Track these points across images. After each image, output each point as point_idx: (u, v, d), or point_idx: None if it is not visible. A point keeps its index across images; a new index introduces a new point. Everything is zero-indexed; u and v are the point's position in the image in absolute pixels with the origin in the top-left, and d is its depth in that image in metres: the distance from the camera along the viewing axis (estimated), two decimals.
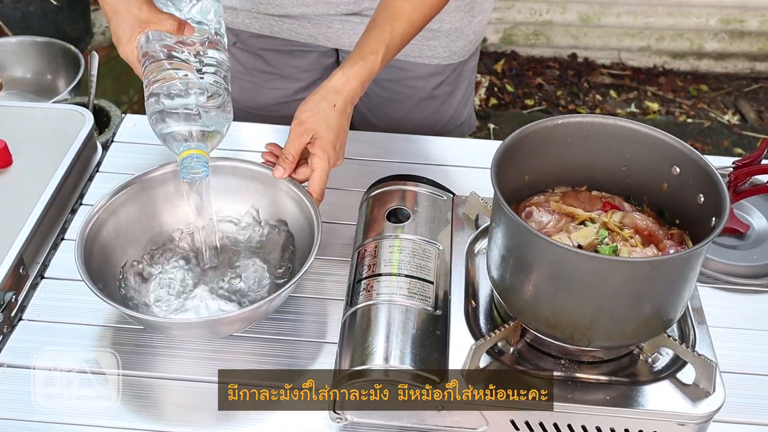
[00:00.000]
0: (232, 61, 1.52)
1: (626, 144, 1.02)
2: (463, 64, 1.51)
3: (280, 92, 1.54)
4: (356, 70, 1.11)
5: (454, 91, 1.53)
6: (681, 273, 0.88)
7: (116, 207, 1.08)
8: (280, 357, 1.04)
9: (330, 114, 1.08)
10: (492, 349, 0.97)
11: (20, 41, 1.92)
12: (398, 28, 1.14)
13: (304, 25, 1.43)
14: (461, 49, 1.47)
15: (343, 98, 1.09)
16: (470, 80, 1.58)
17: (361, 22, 1.41)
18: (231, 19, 1.48)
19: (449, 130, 1.56)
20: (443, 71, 1.49)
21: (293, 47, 1.48)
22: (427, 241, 1.08)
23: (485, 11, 1.48)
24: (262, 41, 1.48)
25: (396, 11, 1.15)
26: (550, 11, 3.26)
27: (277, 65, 1.51)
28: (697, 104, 3.18)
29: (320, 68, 1.52)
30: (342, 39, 1.44)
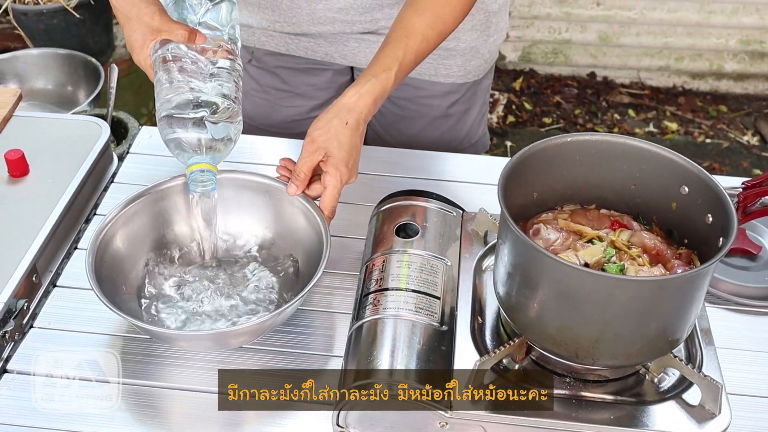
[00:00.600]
0: (248, 79, 1.54)
1: (635, 163, 1.02)
2: (478, 83, 1.52)
3: (295, 110, 1.55)
4: (368, 88, 1.11)
5: (468, 109, 1.54)
6: (687, 293, 0.88)
7: (127, 218, 1.09)
8: (288, 369, 1.04)
9: (341, 131, 1.08)
10: (497, 366, 0.97)
11: (42, 53, 1.96)
12: (412, 44, 1.14)
13: (320, 43, 1.45)
14: (476, 68, 1.48)
15: (355, 116, 1.10)
16: (485, 99, 1.59)
17: (377, 40, 1.41)
18: (247, 37, 1.49)
19: (464, 148, 1.57)
20: (458, 90, 1.49)
21: (309, 65, 1.50)
22: (435, 256, 1.08)
23: (500, 31, 1.49)
24: (277, 59, 1.50)
25: (410, 28, 1.15)
26: (570, 30, 3.26)
27: (293, 83, 1.52)
28: (717, 125, 3.16)
29: (335, 86, 1.54)
30: (358, 57, 1.46)
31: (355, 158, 1.10)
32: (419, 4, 1.16)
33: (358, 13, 1.37)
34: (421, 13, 1.15)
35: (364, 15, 1.37)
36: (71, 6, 2.23)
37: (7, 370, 1.04)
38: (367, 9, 1.36)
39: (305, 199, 1.10)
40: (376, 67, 1.13)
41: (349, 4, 1.35)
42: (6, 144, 1.29)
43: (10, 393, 1.01)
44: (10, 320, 1.06)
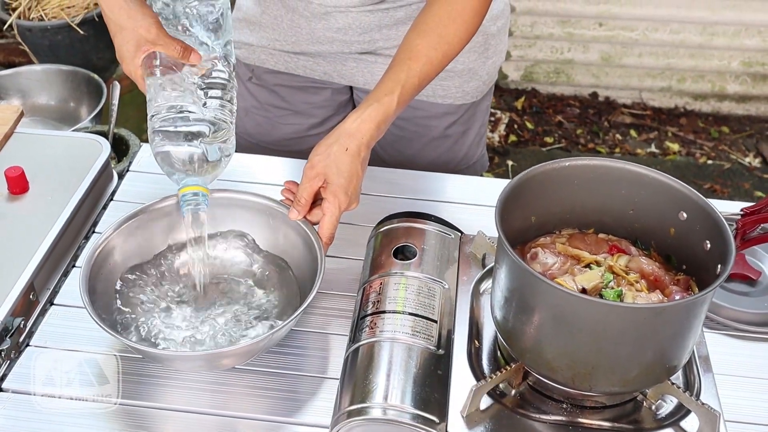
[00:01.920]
0: (248, 97, 1.55)
1: (634, 188, 1.02)
2: (477, 104, 1.52)
3: (294, 128, 1.55)
4: (370, 113, 1.10)
5: (467, 131, 1.54)
6: (684, 320, 0.87)
7: (122, 237, 1.09)
8: (281, 391, 1.04)
9: (341, 158, 1.08)
10: (494, 391, 0.96)
11: (45, 69, 1.96)
12: (415, 67, 1.13)
13: (319, 62, 1.45)
14: (474, 90, 1.48)
15: (356, 141, 1.09)
16: (483, 120, 1.59)
17: (375, 61, 1.42)
18: (247, 55, 1.50)
19: (462, 169, 1.57)
20: (456, 111, 1.49)
21: (308, 84, 1.50)
22: (432, 279, 1.08)
23: (499, 53, 1.49)
24: (277, 77, 1.50)
25: (413, 50, 1.15)
26: (572, 50, 3.27)
27: (292, 101, 1.53)
28: (718, 146, 3.16)
29: (334, 105, 1.54)
30: (356, 77, 1.46)
31: (355, 185, 1.09)
32: (422, 26, 1.16)
33: (357, 34, 1.37)
34: (424, 34, 1.15)
35: (362, 35, 1.38)
36: (75, 22, 2.24)
37: (3, 389, 1.03)
38: (365, 30, 1.37)
39: (304, 223, 1.10)
40: (378, 92, 1.12)
41: (347, 24, 1.36)
42: (6, 161, 1.29)
43: (5, 412, 1.01)
44: (6, 339, 1.05)
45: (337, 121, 1.55)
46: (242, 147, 1.62)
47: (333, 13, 1.35)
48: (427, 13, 1.16)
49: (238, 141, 1.62)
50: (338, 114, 1.56)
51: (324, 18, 1.37)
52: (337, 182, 1.07)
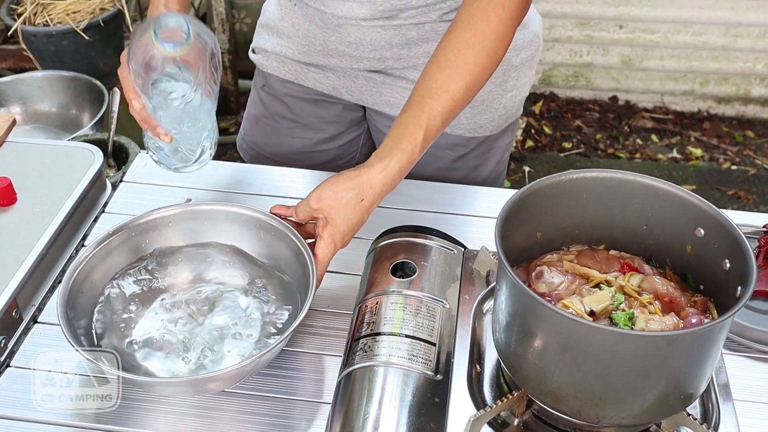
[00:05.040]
0: (259, 105, 1.52)
1: (647, 202, 0.95)
2: (494, 139, 1.43)
3: (302, 142, 1.50)
4: (395, 164, 1.03)
5: (480, 166, 1.45)
6: (701, 348, 0.80)
7: (105, 253, 1.05)
8: (271, 416, 0.98)
9: (353, 207, 1.02)
10: (495, 421, 0.90)
11: (46, 75, 1.92)
12: (436, 107, 1.05)
13: (329, 76, 1.40)
14: (489, 124, 1.39)
15: (374, 194, 1.03)
16: (502, 158, 1.49)
17: (383, 81, 1.36)
18: (262, 61, 1.47)
19: None
20: (467, 144, 1.41)
21: (318, 97, 1.45)
22: (432, 298, 1.02)
23: (521, 87, 1.39)
24: (287, 87, 1.46)
25: (432, 86, 1.06)
26: (591, 53, 3.19)
27: (300, 113, 1.48)
28: (743, 151, 3.07)
29: (345, 121, 1.48)
30: (365, 95, 1.40)
31: (354, 232, 1.05)
32: (441, 57, 1.07)
33: (367, 50, 1.32)
34: (443, 67, 1.06)
35: (372, 52, 1.32)
36: (81, 28, 2.20)
37: None
38: (375, 46, 1.31)
39: (296, 236, 1.05)
40: (401, 138, 1.04)
41: (358, 39, 1.31)
42: None
43: None
44: None
45: (348, 139, 1.51)
46: (249, 156, 1.58)
47: (345, 25, 1.30)
48: (446, 43, 1.08)
49: (246, 149, 1.58)
50: (349, 131, 1.50)
51: (337, 30, 1.32)
52: (339, 228, 1.02)
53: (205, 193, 1.33)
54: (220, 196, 1.32)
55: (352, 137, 1.52)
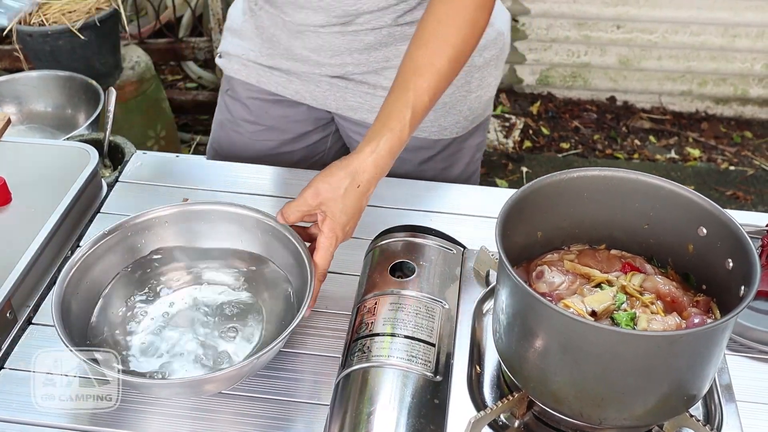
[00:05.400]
0: (224, 110, 1.50)
1: (649, 201, 0.94)
2: (462, 140, 1.41)
3: (267, 144, 1.48)
4: (384, 145, 1.01)
5: (448, 168, 1.44)
6: (704, 348, 0.79)
7: (101, 254, 1.03)
8: (269, 418, 0.97)
9: (350, 196, 1.00)
10: (495, 422, 0.89)
11: (42, 75, 1.90)
12: (422, 83, 1.03)
13: (293, 80, 1.39)
14: (454, 125, 1.38)
15: (368, 178, 1.01)
16: (473, 158, 1.47)
17: (346, 86, 1.35)
18: (225, 64, 1.45)
19: None
20: (433, 146, 1.39)
21: (282, 97, 1.43)
22: (431, 298, 1.01)
23: (487, 87, 1.38)
24: (249, 90, 1.44)
25: (416, 63, 1.05)
26: (589, 53, 3.19)
27: (262, 116, 1.46)
28: (741, 151, 3.06)
29: (311, 120, 1.46)
30: (328, 100, 1.38)
31: (355, 221, 1.03)
32: (422, 32, 1.06)
33: (328, 56, 1.31)
34: (425, 43, 1.05)
35: (333, 58, 1.31)
36: (77, 27, 2.19)
37: None
38: (336, 52, 1.30)
39: (295, 236, 1.04)
40: (389, 118, 1.03)
41: (319, 45, 1.30)
42: None
43: None
44: None
45: (315, 139, 1.49)
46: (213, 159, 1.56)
47: (306, 32, 1.30)
48: (426, 18, 1.07)
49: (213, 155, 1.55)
50: (316, 131, 1.48)
51: (299, 36, 1.31)
52: (339, 219, 1.00)
53: (202, 193, 1.31)
54: (217, 196, 1.31)
55: (320, 137, 1.50)
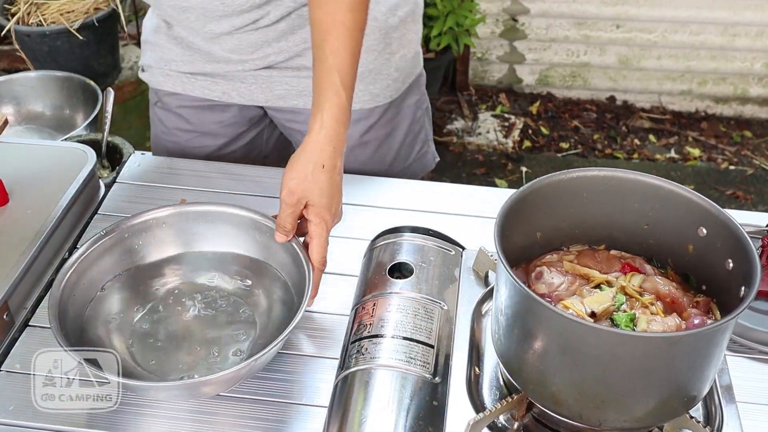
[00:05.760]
0: (157, 122, 1.49)
1: (648, 201, 0.93)
2: (398, 103, 1.40)
3: (205, 150, 1.47)
4: (328, 116, 1.01)
5: (391, 132, 1.42)
6: (704, 349, 0.79)
7: (98, 255, 1.03)
8: (267, 420, 0.97)
9: (320, 177, 0.99)
10: (494, 424, 0.88)
11: (40, 76, 1.90)
12: (334, 43, 1.02)
13: (218, 81, 1.38)
14: (384, 90, 1.37)
15: (328, 154, 1.00)
16: (415, 117, 1.46)
17: (270, 75, 1.34)
18: (149, 78, 1.44)
19: (393, 174, 1.45)
20: (369, 115, 1.38)
21: (211, 102, 1.42)
22: (430, 299, 1.00)
23: (407, 44, 1.37)
24: (178, 99, 1.43)
25: (321, 27, 1.03)
26: (588, 53, 3.18)
27: (197, 122, 1.45)
28: (741, 150, 3.06)
29: (244, 120, 1.45)
30: (255, 94, 1.38)
31: (337, 200, 1.02)
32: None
33: (248, 52, 1.31)
34: (320, 6, 1.03)
35: (255, 53, 1.31)
36: (75, 27, 2.19)
37: None
38: (255, 47, 1.30)
39: (297, 244, 1.03)
40: (321, 89, 1.02)
41: (236, 46, 1.30)
42: None
43: None
44: None
45: (250, 137, 1.49)
46: None
47: (221, 36, 1.29)
48: None
49: None
50: (251, 130, 1.48)
51: (216, 41, 1.31)
52: (320, 203, 0.99)
53: (200, 194, 1.31)
54: (214, 197, 1.30)
55: (255, 134, 1.50)
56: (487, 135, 3.07)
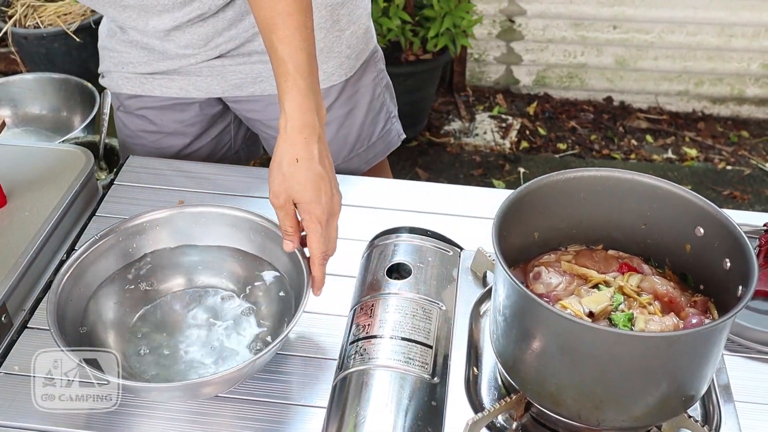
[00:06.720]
0: (122, 127, 1.49)
1: (646, 201, 0.94)
2: (356, 81, 1.40)
3: (172, 149, 1.48)
4: (290, 107, 0.98)
5: (352, 110, 1.42)
6: (702, 349, 0.79)
7: (96, 257, 1.03)
8: (266, 421, 0.97)
9: (297, 172, 0.98)
10: (493, 424, 0.89)
11: (37, 78, 1.91)
12: (281, 32, 0.99)
13: (174, 78, 1.38)
14: (338, 68, 1.36)
15: (301, 147, 0.98)
16: (375, 94, 1.45)
17: (223, 65, 1.35)
18: (109, 83, 1.44)
19: (358, 153, 1.45)
20: (326, 95, 1.36)
21: (172, 102, 1.42)
22: (428, 300, 1.00)
23: (356, 20, 1.36)
24: (139, 101, 1.43)
25: (264, 22, 1.01)
26: (585, 53, 3.18)
27: (160, 123, 1.45)
28: (738, 151, 3.06)
29: (207, 118, 1.45)
30: (212, 86, 1.38)
31: (324, 189, 0.98)
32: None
33: (200, 45, 1.31)
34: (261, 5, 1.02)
35: (207, 44, 1.32)
36: (72, 30, 2.19)
37: None
38: (206, 39, 1.31)
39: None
40: (280, 82, 1.01)
41: (188, 41, 1.31)
42: None
43: None
44: None
45: (215, 133, 1.49)
46: None
47: (173, 32, 1.30)
48: None
49: None
50: (215, 126, 1.48)
51: (169, 39, 1.31)
52: (304, 198, 0.97)
53: (197, 195, 1.31)
54: (212, 198, 1.30)
55: (219, 131, 1.50)
56: (485, 136, 3.08)
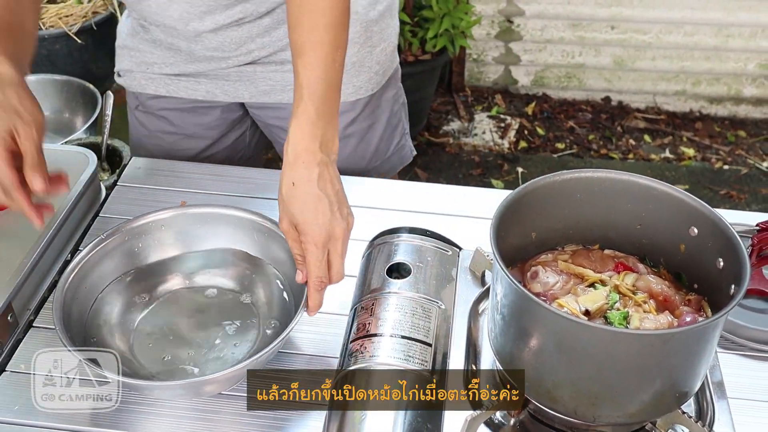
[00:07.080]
0: (138, 126, 1.50)
1: (641, 202, 0.95)
2: (378, 96, 1.43)
3: (188, 152, 1.49)
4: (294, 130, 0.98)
5: (373, 125, 1.45)
6: (695, 346, 0.81)
7: (100, 257, 1.05)
8: (268, 418, 0.98)
9: (295, 195, 0.97)
10: (491, 421, 0.90)
11: (39, 79, 1.92)
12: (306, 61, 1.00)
13: (201, 81, 1.39)
14: (367, 83, 1.39)
15: (300, 171, 0.97)
16: (393, 110, 1.49)
17: (254, 71, 1.36)
18: (129, 83, 1.45)
19: (374, 167, 1.48)
20: (352, 108, 1.40)
21: (194, 105, 1.44)
22: (427, 299, 1.02)
23: (387, 39, 1.40)
24: (161, 102, 1.44)
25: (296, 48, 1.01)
26: (583, 54, 3.20)
27: (180, 124, 1.46)
28: (735, 150, 3.08)
29: (226, 123, 1.47)
30: (240, 91, 1.39)
31: (323, 210, 0.96)
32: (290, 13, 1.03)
33: (232, 49, 1.32)
34: (299, 23, 1.02)
35: (238, 50, 1.33)
36: (73, 31, 2.20)
37: None
38: (238, 44, 1.32)
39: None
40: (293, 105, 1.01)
41: (220, 43, 1.31)
42: None
43: None
44: None
45: (232, 139, 1.51)
46: None
47: (204, 34, 1.30)
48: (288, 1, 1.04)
49: None
50: (233, 132, 1.50)
51: (199, 40, 1.32)
52: (303, 220, 0.97)
53: (200, 196, 1.33)
54: (215, 199, 1.32)
55: (237, 136, 1.52)
56: (483, 136, 3.09)
